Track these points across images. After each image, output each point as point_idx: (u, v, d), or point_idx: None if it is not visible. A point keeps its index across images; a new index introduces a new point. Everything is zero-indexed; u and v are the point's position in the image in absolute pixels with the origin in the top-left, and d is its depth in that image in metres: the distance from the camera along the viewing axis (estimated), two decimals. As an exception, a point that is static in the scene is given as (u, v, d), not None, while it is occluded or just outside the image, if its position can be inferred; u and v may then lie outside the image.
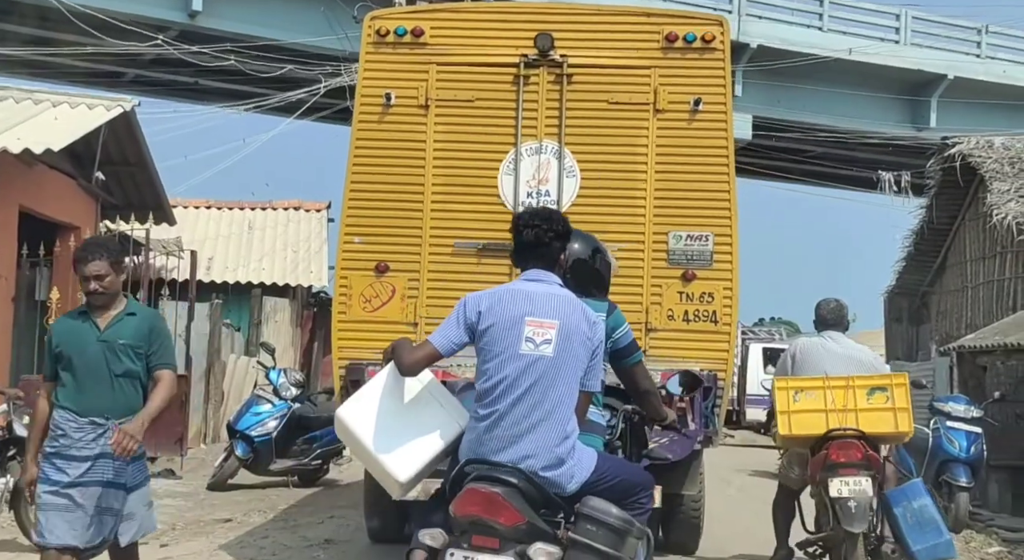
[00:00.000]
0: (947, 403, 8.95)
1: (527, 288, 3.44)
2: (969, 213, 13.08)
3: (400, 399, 3.53)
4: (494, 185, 6.21)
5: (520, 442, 3.25)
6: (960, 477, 8.43)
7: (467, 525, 3.18)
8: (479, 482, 3.20)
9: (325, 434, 9.60)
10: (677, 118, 6.15)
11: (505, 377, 3.34)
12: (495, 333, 3.38)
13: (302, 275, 14.72)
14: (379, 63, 6.30)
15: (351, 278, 6.23)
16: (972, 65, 24.85)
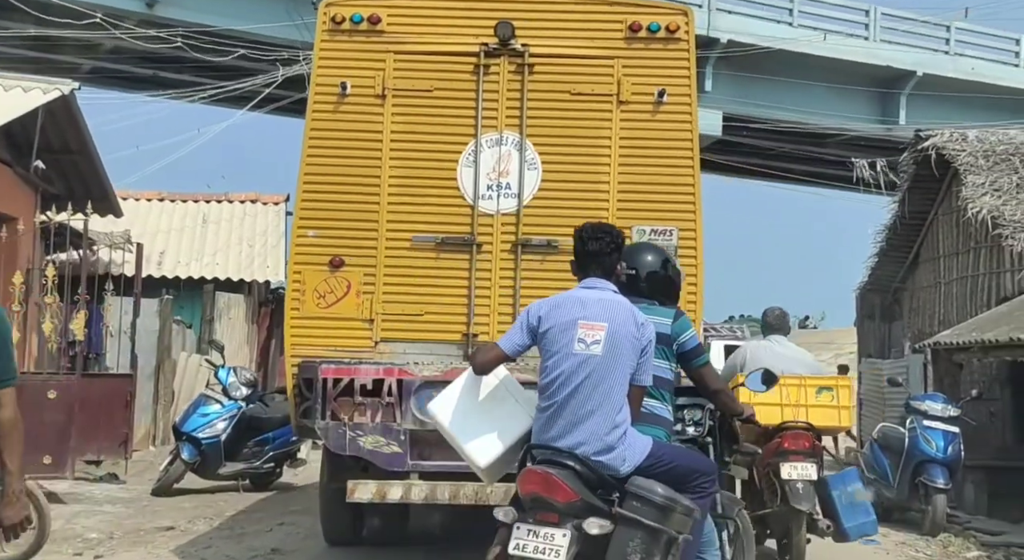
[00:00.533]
0: (924, 402, 8.85)
1: (582, 295, 3.98)
2: (943, 207, 12.93)
3: (479, 395, 4.08)
4: (453, 177, 6.16)
5: (575, 430, 3.76)
6: (937, 478, 8.31)
7: (530, 502, 3.71)
8: (540, 465, 3.72)
9: (278, 436, 9.45)
10: (641, 110, 6.15)
11: (561, 373, 3.85)
12: (552, 335, 3.91)
13: (258, 270, 14.43)
14: (334, 51, 6.22)
15: (304, 273, 6.15)
16: (941, 62, 25.29)
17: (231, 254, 14.58)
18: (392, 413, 5.85)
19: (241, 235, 14.91)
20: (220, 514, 8.23)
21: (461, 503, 5.84)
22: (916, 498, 8.51)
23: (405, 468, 5.85)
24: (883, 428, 9.44)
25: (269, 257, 14.46)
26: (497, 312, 6.10)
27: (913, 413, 8.70)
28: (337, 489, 5.98)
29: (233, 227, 15.08)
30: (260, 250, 14.63)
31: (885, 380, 10.26)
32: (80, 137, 11.63)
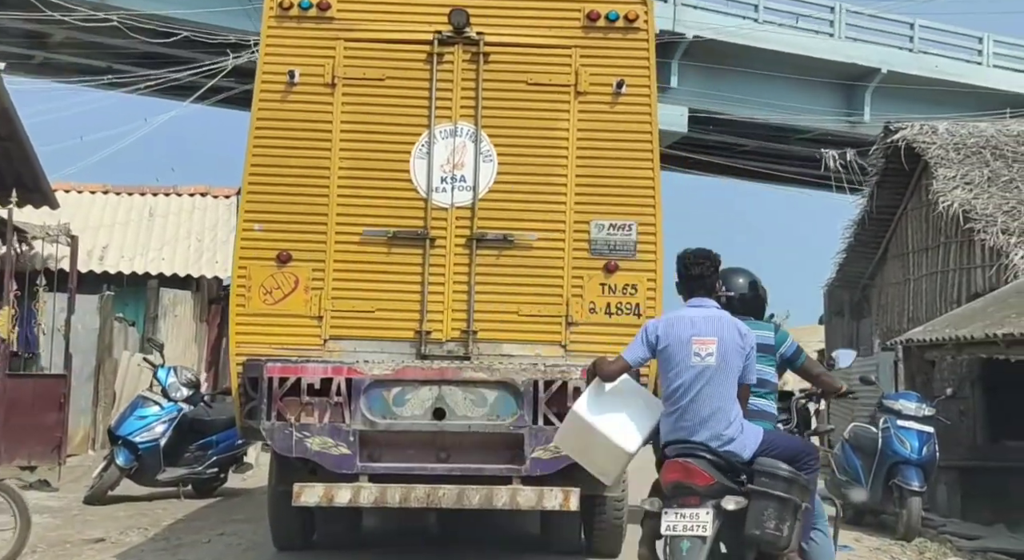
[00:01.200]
0: (898, 401, 8.64)
1: (691, 314, 4.68)
2: (912, 202, 12.90)
3: (613, 398, 4.78)
4: (406, 169, 6.12)
5: (702, 429, 4.49)
6: (912, 480, 8.14)
7: (673, 489, 4.43)
8: (679, 457, 4.47)
9: (223, 439, 9.16)
10: (599, 101, 6.15)
11: (683, 383, 4.55)
12: (671, 350, 4.61)
13: (207, 265, 13.95)
14: (282, 39, 6.14)
15: (251, 268, 6.06)
16: (905, 59, 25.73)
17: (178, 249, 14.16)
18: (341, 413, 5.79)
19: (190, 229, 14.49)
20: (156, 524, 7.94)
21: (412, 506, 5.80)
22: (890, 501, 8.37)
23: (354, 470, 5.79)
24: (855, 428, 9.33)
25: (219, 252, 13.91)
26: (451, 309, 6.07)
27: (886, 413, 8.55)
28: (285, 492, 5.90)
29: (181, 221, 14.65)
30: (209, 245, 14.18)
31: (857, 378, 9.86)
32: (9, 123, 11.10)
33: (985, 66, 25.99)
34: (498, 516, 6.92)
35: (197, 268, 13.93)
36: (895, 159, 12.44)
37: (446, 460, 5.91)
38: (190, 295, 13.90)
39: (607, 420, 4.70)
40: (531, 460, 5.75)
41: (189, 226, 14.53)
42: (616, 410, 4.74)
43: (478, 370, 5.88)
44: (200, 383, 9.62)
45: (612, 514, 6.49)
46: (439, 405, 5.85)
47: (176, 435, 8.98)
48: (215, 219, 14.67)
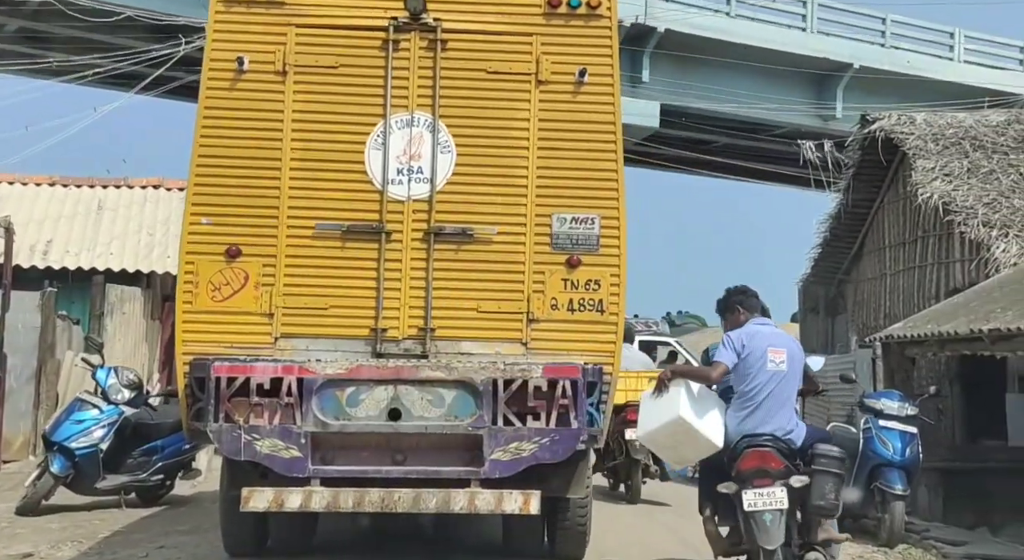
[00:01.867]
0: (879, 400, 8.41)
1: (763, 330, 5.94)
2: (889, 195, 12.80)
3: (699, 400, 5.83)
4: (360, 161, 6.03)
5: (771, 421, 5.71)
6: (895, 484, 7.94)
7: (750, 474, 5.56)
8: (753, 447, 5.62)
9: (169, 444, 8.82)
10: (561, 90, 6.10)
11: (759, 384, 5.75)
12: (751, 358, 5.79)
13: (158, 260, 13.50)
14: (231, 24, 6.02)
15: (198, 263, 5.95)
16: (877, 54, 26.07)
17: (128, 243, 13.75)
18: (292, 415, 5.69)
19: (141, 223, 14.08)
20: (92, 536, 7.53)
21: (366, 511, 5.72)
22: (871, 505, 8.16)
23: (306, 474, 5.69)
24: (834, 428, 8.99)
25: (171, 247, 13.44)
26: (408, 306, 5.99)
27: (868, 412, 8.33)
28: (236, 497, 5.76)
29: (132, 214, 14.24)
30: (161, 239, 13.77)
31: (839, 377, 9.84)
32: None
33: (956, 61, 26.40)
34: (458, 520, 6.87)
35: (148, 263, 13.53)
36: (872, 151, 12.32)
37: (402, 463, 5.83)
38: (140, 292, 13.46)
39: (704, 422, 5.75)
40: (490, 462, 5.69)
41: (140, 220, 14.13)
42: (706, 411, 5.80)
43: (435, 369, 5.82)
44: (143, 384, 9.12)
45: (576, 517, 6.44)
46: (394, 405, 5.76)
47: (117, 440, 8.60)
48: (168, 212, 14.20)
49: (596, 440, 6.13)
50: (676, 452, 6.05)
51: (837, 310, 14.72)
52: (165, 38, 18.36)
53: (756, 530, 5.52)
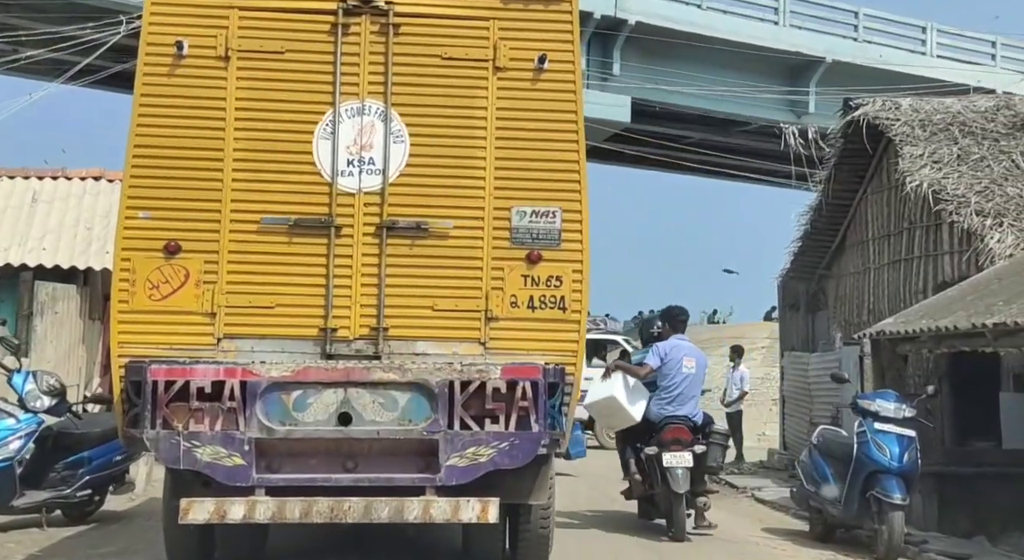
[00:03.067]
0: (874, 401, 7.99)
1: (681, 344, 8.87)
2: (872, 185, 12.37)
3: (632, 390, 8.73)
4: (308, 151, 5.90)
5: (683, 408, 8.62)
6: (893, 492, 7.50)
7: (669, 442, 8.37)
8: (672, 425, 8.49)
9: (97, 455, 8.27)
10: (520, 77, 6.00)
11: (676, 381, 8.66)
12: (672, 363, 8.70)
13: (95, 256, 12.59)
14: (169, 6, 5.87)
15: (135, 260, 5.78)
16: (850, 48, 26.43)
17: (64, 238, 12.74)
18: (235, 420, 5.53)
19: (79, 216, 13.16)
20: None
21: (314, 521, 5.57)
22: (867, 515, 7.75)
23: (250, 483, 5.53)
24: (823, 432, 8.87)
25: (110, 241, 13.23)
26: (359, 304, 5.87)
27: (862, 414, 7.93)
28: (178, 508, 5.63)
29: (69, 207, 13.31)
30: (100, 233, 12.75)
31: (829, 376, 9.50)
32: None
33: (929, 55, 26.79)
34: (415, 527, 6.75)
35: (84, 259, 12.56)
36: (855, 139, 12.01)
37: (353, 470, 5.69)
38: (75, 290, 12.43)
39: (630, 402, 8.64)
40: (446, 468, 5.57)
41: (78, 213, 13.27)
42: (633, 396, 8.68)
43: (388, 370, 5.69)
44: (66, 390, 8.41)
45: (538, 523, 6.33)
46: (344, 409, 5.62)
47: (38, 452, 8.01)
48: (109, 205, 13.23)
49: (559, 444, 6.02)
50: (607, 420, 9.31)
51: (818, 306, 14.57)
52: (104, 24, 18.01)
53: (671, 480, 8.21)
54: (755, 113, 27.29)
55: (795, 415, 14.17)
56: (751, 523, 9.54)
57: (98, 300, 13.20)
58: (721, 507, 9.81)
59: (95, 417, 8.67)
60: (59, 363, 11.40)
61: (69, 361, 11.94)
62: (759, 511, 10.65)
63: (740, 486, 12.30)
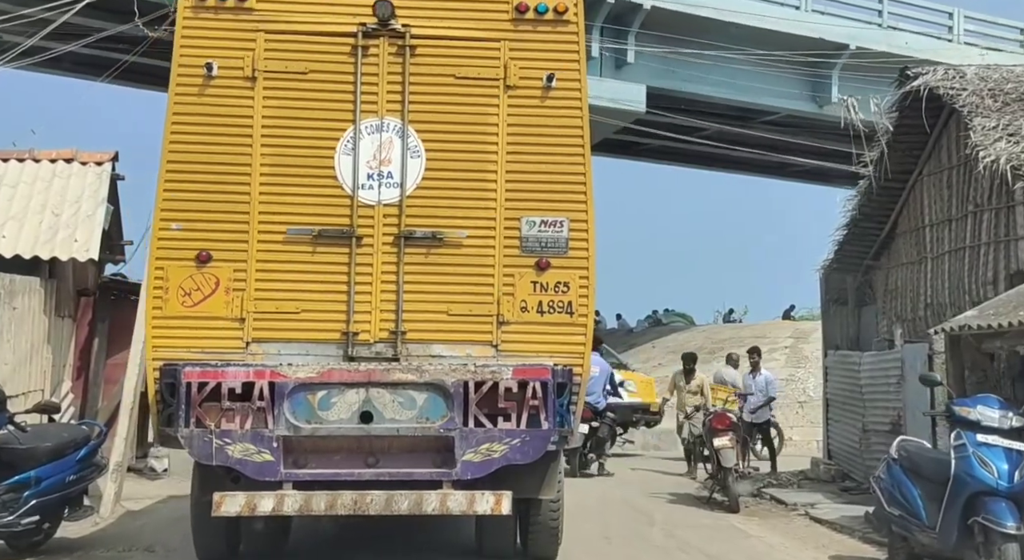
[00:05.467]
0: (975, 407, 7.08)
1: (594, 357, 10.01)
2: (930, 165, 11.69)
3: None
4: (330, 166, 6.68)
5: (588, 398, 11.86)
6: (1004, 519, 6.56)
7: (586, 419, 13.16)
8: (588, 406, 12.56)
9: (46, 474, 7.39)
10: (529, 95, 6.79)
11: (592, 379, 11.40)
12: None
13: (62, 245, 11.64)
14: (199, 30, 6.66)
15: (168, 269, 6.57)
16: (874, 35, 26.81)
17: (27, 225, 11.80)
18: (263, 419, 6.32)
19: (45, 201, 12.18)
20: None
21: (338, 513, 6.35)
22: (970, 545, 6.79)
23: (277, 478, 6.32)
24: (905, 444, 7.88)
25: (81, 229, 11.80)
26: (379, 309, 6.65)
27: (960, 424, 7.04)
28: (208, 503, 6.38)
29: (35, 191, 12.28)
30: (69, 220, 11.93)
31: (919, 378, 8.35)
32: None
33: (956, 43, 27.22)
34: (432, 521, 7.52)
35: (49, 248, 11.58)
36: (912, 113, 11.16)
37: (374, 465, 6.48)
38: (39, 282, 11.41)
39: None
40: (462, 463, 6.35)
41: (46, 198, 12.24)
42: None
43: (406, 372, 6.48)
44: (5, 398, 7.57)
45: (547, 517, 7.13)
46: (366, 408, 6.41)
47: None
48: (80, 190, 12.37)
49: (567, 441, 6.83)
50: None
51: (864, 300, 13.87)
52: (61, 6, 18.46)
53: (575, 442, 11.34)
54: (776, 102, 27.76)
55: (842, 421, 13.40)
56: (813, 549, 8.87)
57: (67, 294, 12.53)
58: (773, 528, 9.90)
59: (43, 429, 7.82)
60: (19, 365, 10.71)
61: (31, 363, 11.15)
62: (817, 533, 9.76)
63: (789, 502, 11.44)
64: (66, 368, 12.52)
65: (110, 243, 13.49)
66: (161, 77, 24.34)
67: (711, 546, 8.74)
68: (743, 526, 10.00)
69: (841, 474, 13.10)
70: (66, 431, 7.99)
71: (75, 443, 7.80)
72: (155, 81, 26.57)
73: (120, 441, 10.00)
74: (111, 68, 20.26)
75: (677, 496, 12.13)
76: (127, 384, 10.38)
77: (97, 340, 13.17)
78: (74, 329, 12.95)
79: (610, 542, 8.85)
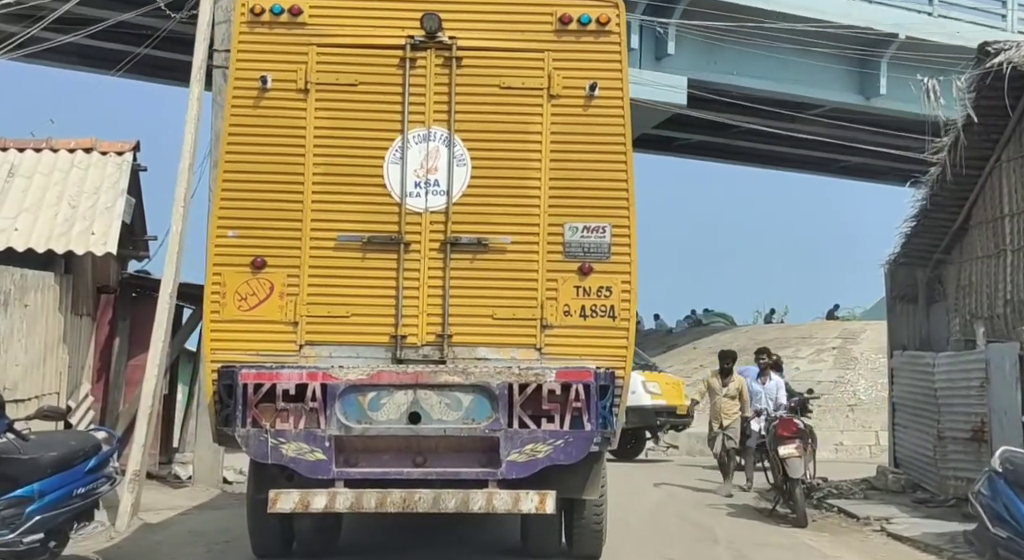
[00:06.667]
0: None
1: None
2: (1009, 150, 11.27)
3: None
4: (379, 174, 7.14)
5: None
6: None
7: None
8: None
9: (50, 488, 6.74)
10: (572, 104, 7.20)
11: None
12: None
13: (78, 238, 11.17)
14: (254, 44, 7.16)
15: (225, 274, 7.06)
16: (924, 24, 26.77)
17: (42, 217, 11.37)
18: (316, 419, 6.79)
19: (62, 192, 11.76)
20: None
21: (388, 511, 6.80)
22: None
23: (330, 476, 6.79)
24: (1010, 456, 7.26)
25: (99, 221, 11.35)
26: (426, 313, 7.11)
27: None
28: (263, 500, 6.86)
29: (52, 182, 11.86)
30: (86, 212, 11.49)
31: None
32: None
33: (1009, 31, 27.12)
34: (477, 520, 7.95)
35: (64, 241, 11.11)
36: (992, 93, 10.61)
37: (422, 464, 6.93)
38: (52, 278, 10.96)
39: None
40: (507, 463, 6.78)
41: (62, 188, 11.81)
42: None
43: (453, 374, 6.91)
44: (3, 403, 6.92)
45: (592, 517, 7.56)
46: (414, 409, 6.86)
47: None
48: (99, 181, 11.96)
49: (610, 442, 7.23)
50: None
51: (933, 297, 13.59)
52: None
53: None
54: (822, 95, 27.82)
55: (912, 426, 13.06)
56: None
57: (86, 291, 12.05)
58: (849, 546, 9.62)
59: (48, 438, 7.32)
60: (32, 367, 10.31)
61: (45, 365, 10.70)
62: (899, 553, 9.39)
63: (860, 516, 10.98)
64: (85, 370, 12.20)
65: (133, 238, 13.28)
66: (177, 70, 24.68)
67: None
68: (816, 544, 9.63)
69: (911, 484, 12.75)
70: (74, 439, 7.43)
71: (84, 452, 7.11)
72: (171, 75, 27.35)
73: (138, 448, 9.74)
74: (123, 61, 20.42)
75: (735, 508, 11.77)
76: (145, 387, 10.17)
77: (118, 340, 12.88)
78: (94, 328, 12.60)
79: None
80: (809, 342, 26.83)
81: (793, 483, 10.69)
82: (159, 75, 28.30)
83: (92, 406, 11.94)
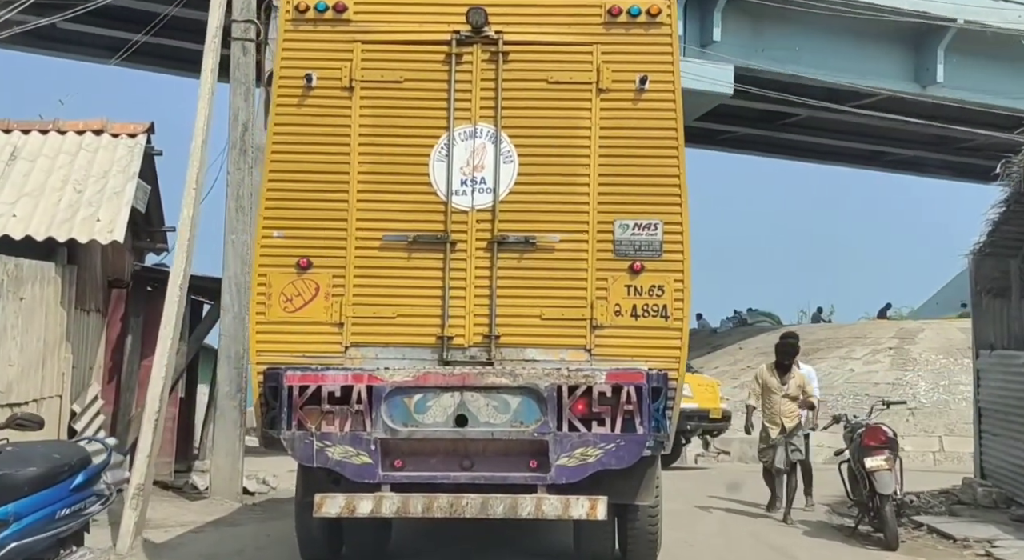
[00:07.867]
0: None
1: None
2: None
3: None
4: (425, 172, 7.23)
5: None
6: None
7: None
8: None
9: (29, 509, 5.55)
10: (622, 98, 7.25)
11: None
12: None
13: (82, 225, 10.58)
14: (299, 42, 7.28)
15: (270, 275, 7.19)
16: (982, 10, 26.42)
17: (44, 203, 10.79)
18: (362, 421, 6.89)
19: (68, 176, 11.18)
20: None
21: (435, 516, 6.87)
22: None
23: (376, 479, 6.89)
24: None
25: (105, 207, 10.77)
26: (473, 314, 7.19)
27: None
28: (310, 504, 6.94)
29: (57, 166, 11.31)
30: (93, 197, 10.90)
31: None
32: None
33: (1076, 17, 26.76)
34: (529, 525, 8.01)
35: (67, 229, 10.51)
36: None
37: (469, 468, 7.00)
38: (53, 269, 10.35)
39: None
40: (556, 468, 6.83)
41: (68, 172, 11.24)
42: None
43: (500, 376, 6.98)
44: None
45: (646, 523, 7.59)
46: (461, 412, 6.94)
47: None
48: (108, 164, 11.40)
49: (663, 446, 7.26)
50: None
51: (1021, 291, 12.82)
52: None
53: None
54: (876, 83, 27.59)
55: (1003, 434, 12.40)
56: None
57: (94, 285, 11.46)
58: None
59: (27, 450, 6.16)
60: (28, 368, 9.71)
61: (45, 364, 10.06)
62: None
63: (957, 536, 10.07)
64: (94, 370, 11.67)
65: (150, 229, 12.89)
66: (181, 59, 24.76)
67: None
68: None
69: (1004, 498, 11.87)
70: (58, 451, 6.28)
71: (69, 467, 6.00)
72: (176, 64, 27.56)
73: (142, 459, 8.99)
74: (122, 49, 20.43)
75: (810, 526, 10.87)
76: (151, 389, 9.53)
77: (131, 338, 12.35)
78: (104, 325, 12.00)
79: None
80: (863, 342, 26.62)
81: (883, 500, 9.74)
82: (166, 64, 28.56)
83: (102, 409, 11.66)
